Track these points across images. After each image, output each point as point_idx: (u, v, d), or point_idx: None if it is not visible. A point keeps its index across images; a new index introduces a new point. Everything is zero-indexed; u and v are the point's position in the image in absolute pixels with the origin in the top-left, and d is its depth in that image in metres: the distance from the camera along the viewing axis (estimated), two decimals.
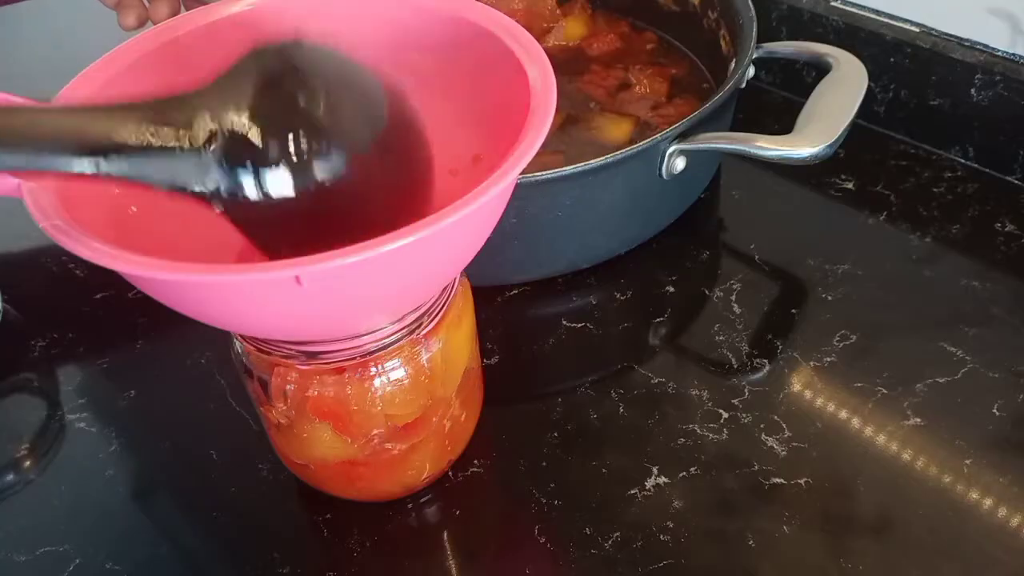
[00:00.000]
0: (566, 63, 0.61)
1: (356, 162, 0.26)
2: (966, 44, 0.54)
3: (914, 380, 0.43)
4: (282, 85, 0.25)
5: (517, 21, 0.33)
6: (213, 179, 0.25)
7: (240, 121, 0.24)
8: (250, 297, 0.27)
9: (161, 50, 0.34)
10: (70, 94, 0.31)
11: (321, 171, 0.25)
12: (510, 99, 0.31)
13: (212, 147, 0.24)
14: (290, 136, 0.25)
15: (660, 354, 0.45)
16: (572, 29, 0.64)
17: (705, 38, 0.59)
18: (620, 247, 0.50)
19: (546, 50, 0.31)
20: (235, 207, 0.25)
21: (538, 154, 0.27)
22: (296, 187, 0.25)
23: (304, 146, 0.25)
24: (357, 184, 0.26)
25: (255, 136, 0.24)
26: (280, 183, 0.25)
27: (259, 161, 0.24)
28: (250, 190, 0.25)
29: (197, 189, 0.25)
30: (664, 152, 0.45)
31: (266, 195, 0.25)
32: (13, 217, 0.54)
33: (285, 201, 0.25)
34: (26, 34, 0.78)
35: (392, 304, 0.31)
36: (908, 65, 0.56)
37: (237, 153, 0.24)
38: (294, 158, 0.25)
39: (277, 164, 0.25)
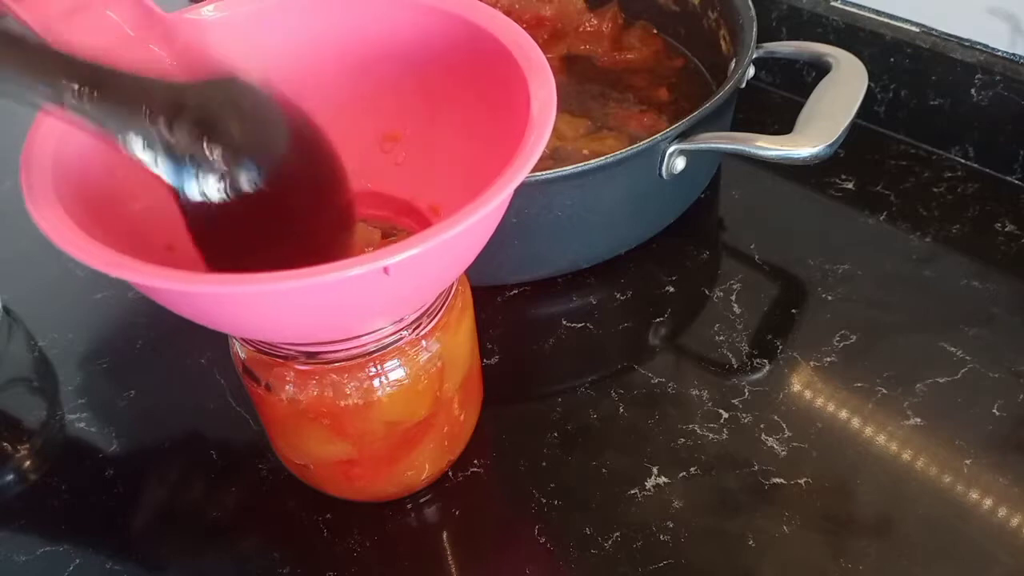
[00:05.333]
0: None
1: (271, 172, 0.29)
2: (966, 44, 0.54)
3: (914, 380, 0.43)
4: (212, 108, 0.29)
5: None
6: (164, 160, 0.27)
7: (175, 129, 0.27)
8: (262, 305, 0.27)
9: None
10: None
11: (244, 180, 0.28)
12: (511, 104, 0.31)
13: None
14: (212, 146, 0.28)
15: (660, 354, 0.45)
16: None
17: (705, 38, 0.59)
18: (620, 247, 0.50)
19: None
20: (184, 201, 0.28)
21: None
22: (223, 190, 0.28)
23: (224, 155, 0.28)
24: (275, 192, 0.29)
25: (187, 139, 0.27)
26: (211, 185, 0.28)
27: (194, 162, 0.28)
28: (190, 188, 0.28)
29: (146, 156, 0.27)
30: (664, 152, 0.45)
31: (203, 194, 0.28)
32: (13, 217, 0.54)
33: (220, 206, 0.28)
34: None
35: (392, 308, 0.31)
36: (908, 65, 0.56)
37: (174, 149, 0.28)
38: (218, 163, 0.28)
39: (205, 166, 0.28)
